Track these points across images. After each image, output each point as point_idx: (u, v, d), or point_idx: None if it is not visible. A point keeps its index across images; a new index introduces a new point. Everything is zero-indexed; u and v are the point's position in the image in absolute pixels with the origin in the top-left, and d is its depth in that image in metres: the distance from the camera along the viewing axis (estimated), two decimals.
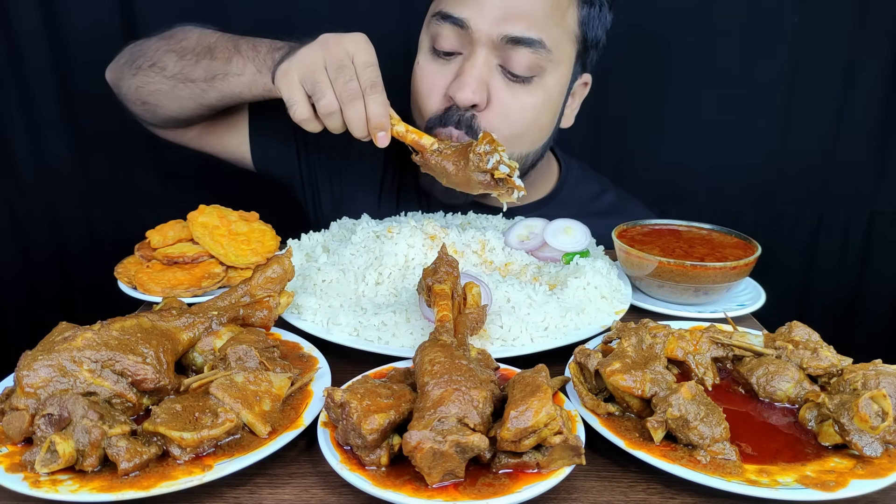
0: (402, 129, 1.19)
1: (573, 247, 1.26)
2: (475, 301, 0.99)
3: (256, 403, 0.78)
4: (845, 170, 2.23)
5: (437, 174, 1.20)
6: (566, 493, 0.73)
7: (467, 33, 1.30)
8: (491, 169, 1.14)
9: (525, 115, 1.36)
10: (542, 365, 0.78)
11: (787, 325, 0.94)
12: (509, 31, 1.28)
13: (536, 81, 1.34)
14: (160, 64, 1.39)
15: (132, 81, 1.44)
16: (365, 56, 1.14)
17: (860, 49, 2.08)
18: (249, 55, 1.29)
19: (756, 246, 1.21)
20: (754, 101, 2.14)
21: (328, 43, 1.14)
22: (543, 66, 1.33)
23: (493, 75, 1.32)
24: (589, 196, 1.66)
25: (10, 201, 2.10)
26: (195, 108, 1.41)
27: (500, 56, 1.31)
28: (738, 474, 0.72)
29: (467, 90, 1.29)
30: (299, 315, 1.06)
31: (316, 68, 1.13)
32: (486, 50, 1.30)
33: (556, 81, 1.38)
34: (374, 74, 1.14)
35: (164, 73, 1.38)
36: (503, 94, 1.33)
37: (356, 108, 1.12)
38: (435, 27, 1.34)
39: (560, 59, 1.36)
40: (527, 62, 1.31)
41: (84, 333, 0.80)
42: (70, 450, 0.69)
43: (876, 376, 0.79)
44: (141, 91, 1.43)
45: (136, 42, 1.49)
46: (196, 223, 1.20)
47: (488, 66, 1.32)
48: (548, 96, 1.38)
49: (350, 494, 0.72)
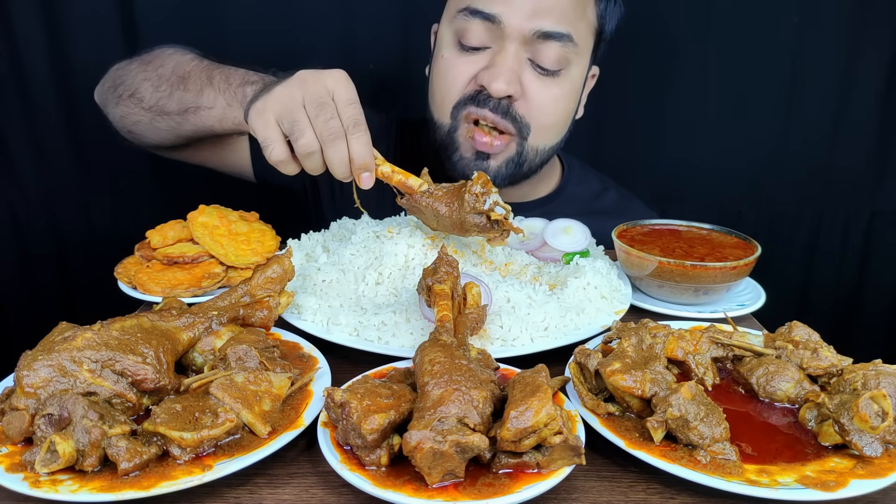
0: (388, 170, 1.11)
1: (573, 247, 1.27)
2: (475, 301, 0.99)
3: (256, 403, 0.78)
4: (845, 170, 2.23)
5: (428, 216, 1.14)
6: (566, 493, 0.73)
7: (498, 28, 1.32)
8: (487, 210, 1.08)
9: (557, 106, 1.41)
10: (542, 365, 0.78)
11: (787, 325, 0.94)
12: (541, 25, 1.31)
13: (563, 73, 1.38)
14: (138, 94, 1.36)
15: (116, 110, 1.42)
16: (346, 93, 1.06)
17: (860, 49, 2.08)
18: (221, 87, 1.24)
19: (756, 246, 1.21)
20: (754, 101, 2.15)
21: (306, 80, 1.07)
22: (570, 58, 1.37)
23: (524, 69, 1.36)
24: (591, 195, 1.68)
25: (10, 201, 2.10)
26: (175, 139, 1.39)
27: (530, 50, 1.34)
28: (738, 474, 0.72)
29: (501, 80, 1.31)
30: (299, 315, 1.06)
31: (294, 106, 1.05)
32: (516, 44, 1.33)
33: (579, 74, 1.43)
34: (357, 112, 1.06)
35: (141, 104, 1.35)
36: (536, 87, 1.37)
37: (338, 148, 1.04)
38: (462, 22, 1.35)
39: (583, 51, 1.40)
40: (555, 55, 1.34)
41: (84, 333, 0.80)
42: (70, 450, 0.69)
43: (876, 376, 0.79)
44: (125, 120, 1.42)
45: (119, 64, 1.46)
46: (196, 223, 1.20)
47: (518, 59, 1.34)
48: (573, 88, 1.42)
49: (350, 494, 0.72)
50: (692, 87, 2.14)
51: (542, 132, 1.41)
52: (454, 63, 1.38)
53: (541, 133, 1.42)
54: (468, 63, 1.37)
